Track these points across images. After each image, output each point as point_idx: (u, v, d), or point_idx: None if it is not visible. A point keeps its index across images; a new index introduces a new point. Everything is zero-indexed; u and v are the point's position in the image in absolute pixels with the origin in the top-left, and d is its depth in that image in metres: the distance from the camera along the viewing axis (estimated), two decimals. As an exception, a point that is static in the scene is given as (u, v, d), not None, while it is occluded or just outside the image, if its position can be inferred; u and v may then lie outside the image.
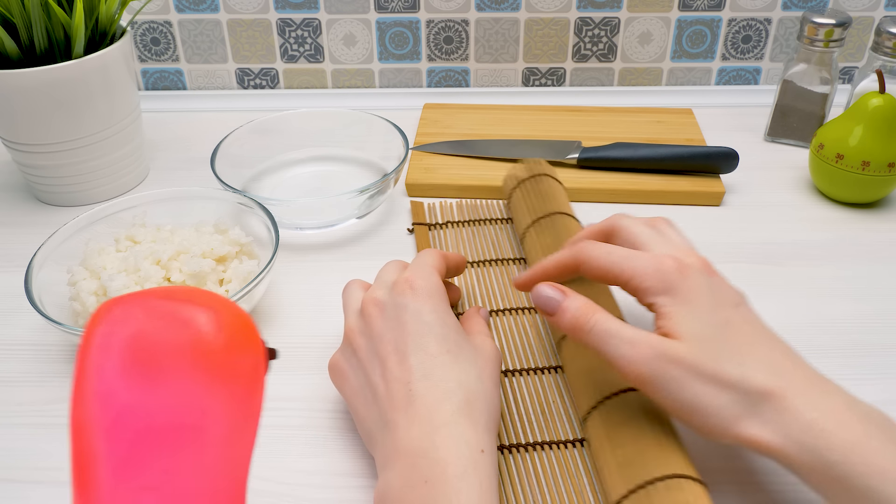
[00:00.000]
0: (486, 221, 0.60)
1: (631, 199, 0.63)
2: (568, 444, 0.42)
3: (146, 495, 0.26)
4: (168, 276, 0.48)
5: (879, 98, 0.58)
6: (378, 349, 0.39)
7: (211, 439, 0.27)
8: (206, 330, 0.27)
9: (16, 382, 0.48)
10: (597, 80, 0.81)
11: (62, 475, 0.42)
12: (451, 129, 0.72)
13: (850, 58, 0.80)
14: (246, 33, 0.79)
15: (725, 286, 0.39)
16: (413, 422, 0.36)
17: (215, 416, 0.27)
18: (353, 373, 0.41)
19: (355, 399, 0.40)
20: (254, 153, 0.66)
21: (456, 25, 0.78)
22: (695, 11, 0.77)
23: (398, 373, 0.38)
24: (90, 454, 0.26)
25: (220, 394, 0.27)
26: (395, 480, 0.35)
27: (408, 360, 0.38)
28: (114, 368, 0.26)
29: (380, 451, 0.37)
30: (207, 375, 0.27)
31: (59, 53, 0.59)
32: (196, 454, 0.27)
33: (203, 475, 0.27)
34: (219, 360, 0.27)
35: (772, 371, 0.36)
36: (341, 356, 0.42)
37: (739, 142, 0.72)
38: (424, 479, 0.34)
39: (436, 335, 0.39)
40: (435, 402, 0.37)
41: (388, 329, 0.40)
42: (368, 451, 0.40)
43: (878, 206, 0.63)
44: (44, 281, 0.49)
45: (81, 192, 0.63)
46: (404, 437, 0.36)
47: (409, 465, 0.35)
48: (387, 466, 0.36)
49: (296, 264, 0.57)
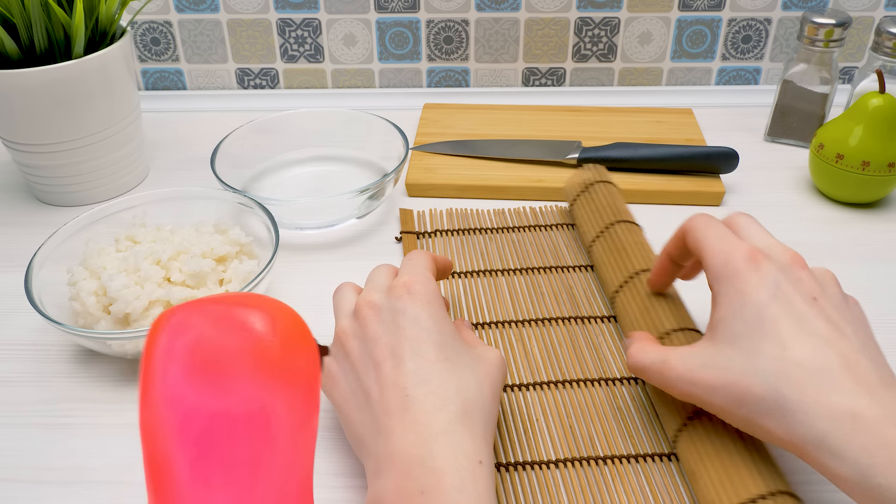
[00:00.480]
0: (477, 231, 0.59)
1: (631, 199, 0.63)
2: (559, 463, 0.41)
3: (220, 495, 0.26)
4: (168, 276, 0.48)
5: (879, 98, 0.58)
6: (373, 352, 0.38)
7: (276, 438, 0.27)
8: (263, 331, 0.28)
9: (16, 382, 0.48)
10: (597, 80, 0.81)
11: (62, 475, 0.42)
12: (451, 129, 0.72)
13: (850, 58, 0.80)
14: (246, 33, 0.79)
15: (808, 281, 0.37)
16: (409, 428, 0.35)
17: (278, 415, 0.27)
18: (344, 376, 0.39)
19: (346, 404, 0.39)
20: (254, 153, 0.66)
21: (456, 25, 0.78)
22: (695, 11, 0.77)
23: (394, 377, 0.36)
24: (164, 457, 0.27)
25: (280, 393, 0.28)
26: (388, 489, 0.34)
27: (404, 365, 0.37)
28: (178, 373, 0.27)
29: (372, 458, 0.36)
30: (267, 375, 0.27)
31: (59, 53, 0.59)
32: (263, 453, 0.27)
33: (271, 473, 0.27)
34: (277, 360, 0.28)
35: (818, 372, 0.33)
36: (331, 359, 0.40)
37: (739, 142, 0.72)
38: (420, 490, 0.33)
39: (434, 341, 0.38)
40: (432, 409, 0.35)
41: (383, 332, 0.38)
42: (358, 457, 0.39)
43: (878, 206, 0.63)
44: (44, 281, 0.49)
45: (81, 192, 0.64)
46: (399, 444, 0.35)
47: (404, 473, 0.34)
48: (380, 473, 0.35)
49: (296, 264, 0.57)
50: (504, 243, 0.58)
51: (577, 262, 0.56)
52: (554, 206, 0.62)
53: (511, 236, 0.59)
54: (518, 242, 0.58)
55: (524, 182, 0.64)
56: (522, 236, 0.58)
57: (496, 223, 0.60)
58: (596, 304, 0.52)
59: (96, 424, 0.45)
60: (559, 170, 0.65)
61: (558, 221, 0.60)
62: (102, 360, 0.49)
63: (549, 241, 0.58)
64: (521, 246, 0.58)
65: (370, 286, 0.41)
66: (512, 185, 0.64)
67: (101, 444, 0.43)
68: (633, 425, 0.43)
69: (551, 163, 0.66)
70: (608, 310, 0.52)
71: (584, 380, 0.46)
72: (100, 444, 0.43)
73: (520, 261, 0.56)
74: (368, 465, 0.36)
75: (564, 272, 0.55)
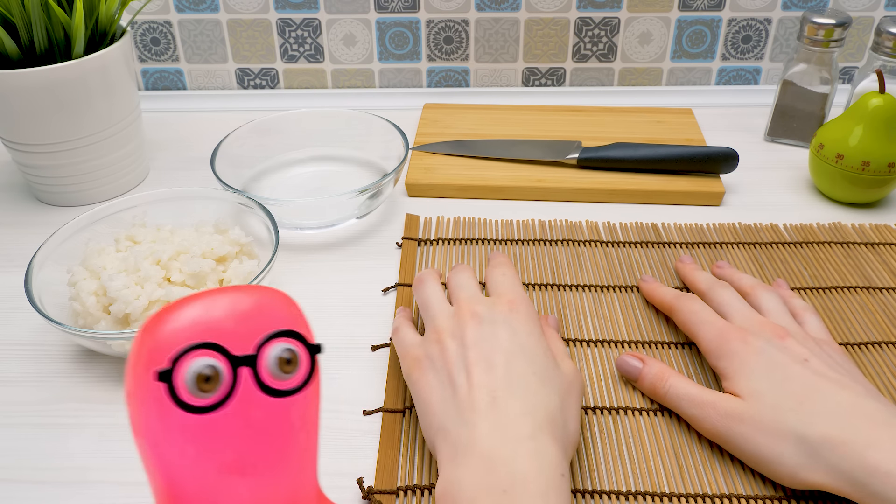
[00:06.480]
0: (479, 241, 0.58)
1: (631, 199, 0.63)
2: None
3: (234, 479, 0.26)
4: (168, 276, 0.48)
5: (879, 98, 0.58)
6: (467, 355, 0.39)
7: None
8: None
9: (16, 382, 0.48)
10: (597, 80, 0.81)
11: (62, 475, 0.42)
12: (451, 129, 0.72)
13: (850, 58, 0.80)
14: (246, 33, 0.79)
15: (794, 346, 0.41)
16: (494, 427, 0.36)
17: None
18: (434, 370, 0.40)
19: (431, 393, 0.39)
20: (254, 153, 0.66)
21: (456, 25, 0.78)
22: (695, 11, 0.77)
23: (484, 380, 0.38)
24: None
25: None
26: (467, 480, 0.34)
27: (495, 371, 0.38)
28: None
29: (449, 444, 0.36)
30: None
31: (59, 53, 0.59)
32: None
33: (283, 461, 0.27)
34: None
35: (833, 417, 0.37)
36: (423, 351, 0.41)
37: (739, 142, 0.72)
38: (503, 489, 0.33)
39: (527, 356, 0.39)
40: (519, 415, 0.36)
41: (481, 339, 0.40)
42: (429, 440, 0.39)
43: (878, 206, 0.63)
44: (44, 281, 0.49)
45: (81, 192, 0.63)
46: (484, 438, 0.35)
47: (485, 468, 0.34)
48: (458, 461, 0.35)
49: (296, 264, 0.57)
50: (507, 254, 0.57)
51: (575, 281, 0.54)
52: (563, 220, 0.61)
53: (513, 249, 0.57)
54: (519, 256, 0.57)
55: (524, 182, 0.64)
56: (524, 250, 0.57)
57: (501, 235, 0.59)
58: (586, 328, 0.50)
59: (96, 424, 0.45)
60: (559, 170, 0.65)
61: (565, 237, 0.59)
62: (102, 360, 0.49)
63: (551, 258, 0.56)
64: (520, 260, 0.56)
65: (465, 293, 0.43)
66: (512, 185, 0.64)
67: (101, 444, 0.43)
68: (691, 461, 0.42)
69: (551, 163, 0.66)
70: (601, 333, 0.50)
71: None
72: (100, 444, 0.43)
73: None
74: (444, 451, 0.37)
75: (561, 291, 0.53)
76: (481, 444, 0.35)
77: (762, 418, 0.39)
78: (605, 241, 0.58)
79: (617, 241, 0.58)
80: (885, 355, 0.48)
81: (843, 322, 0.50)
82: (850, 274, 0.55)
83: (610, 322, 0.51)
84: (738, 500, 0.39)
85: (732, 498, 0.40)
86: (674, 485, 0.40)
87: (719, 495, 0.40)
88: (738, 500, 0.39)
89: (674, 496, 0.40)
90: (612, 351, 0.48)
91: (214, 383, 0.25)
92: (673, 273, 0.55)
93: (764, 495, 0.40)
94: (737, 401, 0.40)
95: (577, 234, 0.59)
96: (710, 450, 0.42)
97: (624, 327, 0.50)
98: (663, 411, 0.44)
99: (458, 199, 0.64)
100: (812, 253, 0.57)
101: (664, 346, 0.49)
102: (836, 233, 0.59)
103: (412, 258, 0.57)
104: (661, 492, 0.40)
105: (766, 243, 0.58)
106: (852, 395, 0.38)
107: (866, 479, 0.35)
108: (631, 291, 0.53)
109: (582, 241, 0.58)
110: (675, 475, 0.41)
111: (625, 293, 0.53)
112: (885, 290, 0.53)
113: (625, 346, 0.49)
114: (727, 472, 0.41)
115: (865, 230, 0.59)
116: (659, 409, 0.44)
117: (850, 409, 0.37)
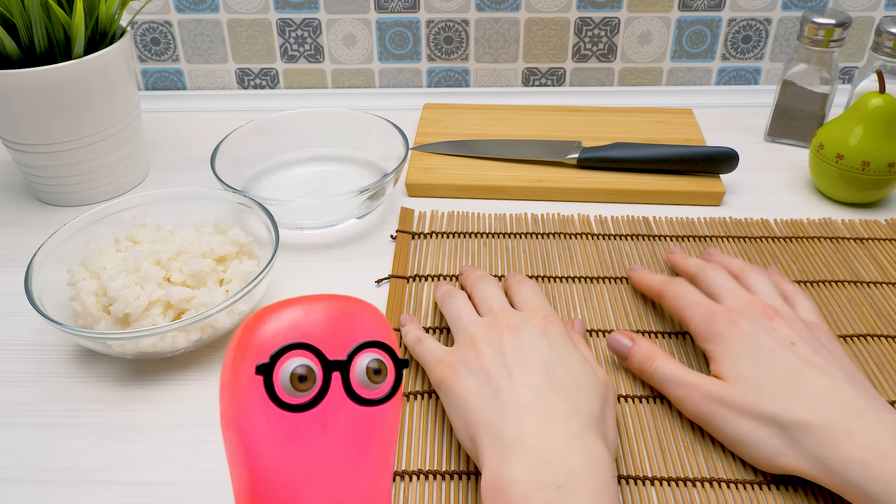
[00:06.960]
0: (473, 235, 0.59)
1: (631, 199, 0.63)
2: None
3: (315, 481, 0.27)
4: (168, 276, 0.48)
5: (879, 98, 0.58)
6: (507, 360, 0.39)
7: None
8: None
9: (16, 382, 0.48)
10: (597, 80, 0.81)
11: (62, 475, 0.42)
12: (451, 129, 0.72)
13: (850, 58, 0.80)
14: (246, 33, 0.79)
15: (782, 328, 0.41)
16: (541, 422, 0.36)
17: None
18: (472, 373, 0.40)
19: (469, 394, 0.39)
20: (254, 153, 0.66)
21: (456, 25, 0.78)
22: (695, 11, 0.77)
23: (527, 380, 0.38)
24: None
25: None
26: (521, 473, 0.34)
27: (537, 375, 0.38)
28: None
29: (496, 439, 0.36)
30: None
31: (59, 53, 0.59)
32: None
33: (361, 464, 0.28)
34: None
35: (812, 404, 0.37)
36: (458, 357, 0.41)
37: (739, 142, 0.72)
38: (558, 484, 0.33)
39: (566, 363, 0.39)
40: (566, 414, 0.36)
41: (519, 346, 0.40)
42: (468, 439, 0.38)
43: (878, 206, 0.63)
44: (44, 281, 0.49)
45: (81, 192, 0.63)
46: (534, 432, 0.35)
47: (538, 460, 0.34)
48: (507, 454, 0.35)
49: (296, 264, 0.57)
50: (497, 250, 0.57)
51: (565, 272, 0.55)
52: (556, 214, 0.61)
53: (506, 242, 0.58)
54: (511, 249, 0.57)
55: (524, 182, 0.64)
56: (517, 243, 0.58)
57: (495, 228, 0.60)
58: (578, 317, 0.51)
59: (96, 424, 0.45)
60: (559, 170, 0.65)
61: (557, 230, 0.59)
62: (102, 360, 0.49)
63: (542, 251, 0.57)
64: (512, 253, 0.57)
65: (496, 304, 0.44)
66: (512, 185, 0.64)
67: (101, 444, 0.43)
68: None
69: (551, 163, 0.66)
70: (590, 323, 0.51)
71: None
72: (100, 444, 0.43)
73: (507, 269, 0.55)
74: (489, 445, 0.36)
75: (551, 282, 0.54)
76: (532, 438, 0.35)
77: (744, 402, 0.39)
78: (597, 234, 0.59)
79: (608, 234, 0.59)
80: (870, 348, 0.48)
81: (830, 315, 0.51)
82: (839, 268, 0.55)
83: (599, 312, 0.51)
84: (718, 483, 0.40)
85: (713, 482, 0.40)
86: (656, 469, 0.41)
87: (700, 479, 0.40)
88: (719, 483, 0.40)
89: (656, 479, 0.40)
90: (600, 341, 0.49)
91: (308, 384, 0.26)
92: (663, 266, 0.55)
93: (744, 480, 0.40)
94: (720, 383, 0.41)
95: (568, 228, 0.60)
96: (692, 434, 0.43)
97: (613, 317, 0.51)
98: (648, 399, 0.45)
99: (458, 199, 0.64)
100: (801, 248, 0.57)
101: (653, 335, 0.49)
102: (826, 228, 0.60)
103: (406, 251, 0.57)
104: (644, 475, 0.40)
105: (756, 238, 0.58)
106: (833, 382, 0.38)
107: (841, 468, 0.35)
108: (621, 283, 0.54)
109: (573, 234, 0.59)
110: (657, 458, 0.41)
111: (614, 284, 0.54)
112: (873, 284, 0.53)
113: None
114: (708, 456, 0.41)
115: (855, 226, 0.60)
116: (644, 397, 0.45)
117: (830, 396, 0.37)
